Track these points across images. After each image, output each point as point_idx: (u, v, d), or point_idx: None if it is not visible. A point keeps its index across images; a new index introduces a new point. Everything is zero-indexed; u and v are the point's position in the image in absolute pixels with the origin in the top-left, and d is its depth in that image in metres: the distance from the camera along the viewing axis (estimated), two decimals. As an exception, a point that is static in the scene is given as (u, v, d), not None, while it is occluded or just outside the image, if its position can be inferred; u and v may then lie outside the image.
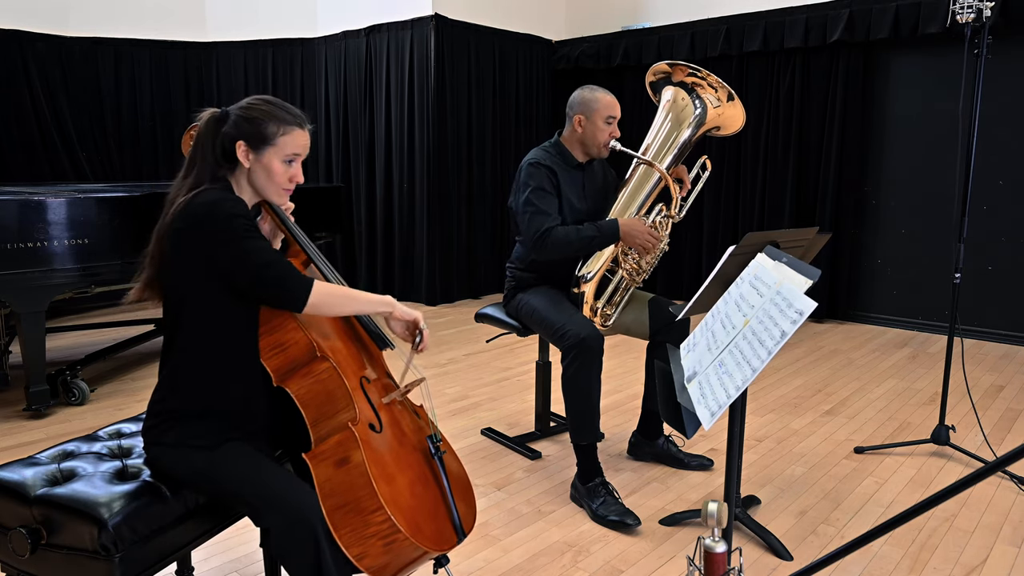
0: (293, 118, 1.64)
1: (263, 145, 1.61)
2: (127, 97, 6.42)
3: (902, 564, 2.22)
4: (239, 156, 1.61)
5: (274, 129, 1.61)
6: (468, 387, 3.96)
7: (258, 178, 1.64)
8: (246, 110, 1.62)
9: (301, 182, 1.69)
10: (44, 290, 3.20)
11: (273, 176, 1.63)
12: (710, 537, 1.45)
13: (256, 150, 1.61)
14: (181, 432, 1.59)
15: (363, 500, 1.48)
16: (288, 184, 1.66)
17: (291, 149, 1.63)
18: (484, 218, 6.45)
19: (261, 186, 1.65)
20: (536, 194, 2.65)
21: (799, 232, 2.25)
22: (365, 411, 1.61)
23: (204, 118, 1.65)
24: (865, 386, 3.98)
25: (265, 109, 1.62)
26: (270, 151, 1.61)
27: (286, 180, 1.65)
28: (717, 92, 2.73)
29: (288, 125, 1.62)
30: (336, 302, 1.60)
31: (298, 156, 1.65)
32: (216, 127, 1.63)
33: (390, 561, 1.50)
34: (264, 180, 1.64)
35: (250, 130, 1.60)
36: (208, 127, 1.64)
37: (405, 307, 1.73)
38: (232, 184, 1.65)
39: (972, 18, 2.74)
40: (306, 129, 1.67)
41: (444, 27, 5.86)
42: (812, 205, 5.58)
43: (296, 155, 1.65)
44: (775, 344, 1.51)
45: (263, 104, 1.63)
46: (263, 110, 1.62)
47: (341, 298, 1.60)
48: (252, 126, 1.60)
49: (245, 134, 1.61)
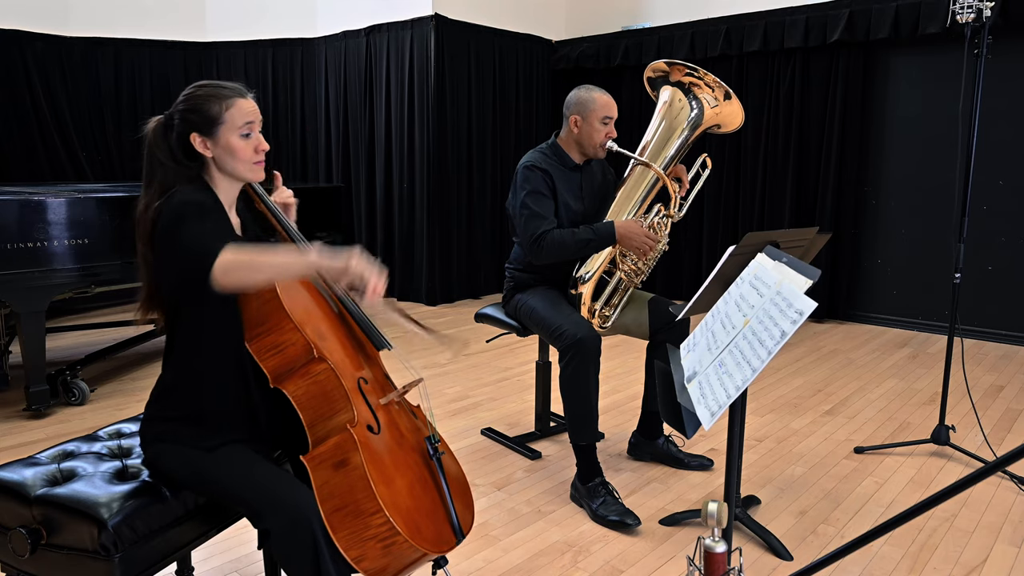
0: (231, 91, 1.61)
1: (213, 127, 1.58)
2: (127, 97, 6.42)
3: (902, 564, 2.22)
4: (198, 149, 1.59)
5: (217, 107, 1.58)
6: (468, 387, 3.96)
7: (224, 162, 1.61)
8: (185, 102, 1.59)
9: (267, 149, 1.65)
10: (44, 290, 3.20)
11: (237, 153, 1.60)
12: (710, 537, 1.45)
13: (210, 135, 1.59)
14: (179, 433, 1.59)
15: (362, 502, 1.47)
16: (256, 156, 1.63)
17: (241, 119, 1.59)
18: (484, 218, 6.45)
19: (231, 168, 1.62)
20: (532, 197, 2.65)
21: (799, 232, 2.25)
22: (363, 412, 1.60)
23: (151, 127, 1.62)
24: (865, 386, 3.98)
25: (201, 93, 1.59)
26: (222, 130, 1.58)
27: (251, 152, 1.62)
28: (714, 91, 2.73)
29: (229, 99, 1.59)
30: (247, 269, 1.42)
31: (251, 124, 1.61)
32: (165, 132, 1.61)
33: (389, 563, 1.50)
34: (231, 161, 1.61)
35: (196, 119, 1.58)
36: (157, 135, 1.61)
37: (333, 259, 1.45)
38: (208, 181, 1.64)
39: (972, 18, 2.74)
40: (248, 97, 1.63)
41: (444, 27, 5.86)
42: (812, 205, 5.58)
43: (249, 123, 1.61)
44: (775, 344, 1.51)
45: (198, 89, 1.61)
46: (200, 95, 1.59)
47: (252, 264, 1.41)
48: (196, 114, 1.58)
49: (193, 125, 1.58)
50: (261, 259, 1.42)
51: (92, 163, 6.22)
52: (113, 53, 6.31)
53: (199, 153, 1.60)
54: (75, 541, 1.43)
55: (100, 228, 3.33)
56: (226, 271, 1.41)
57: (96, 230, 3.31)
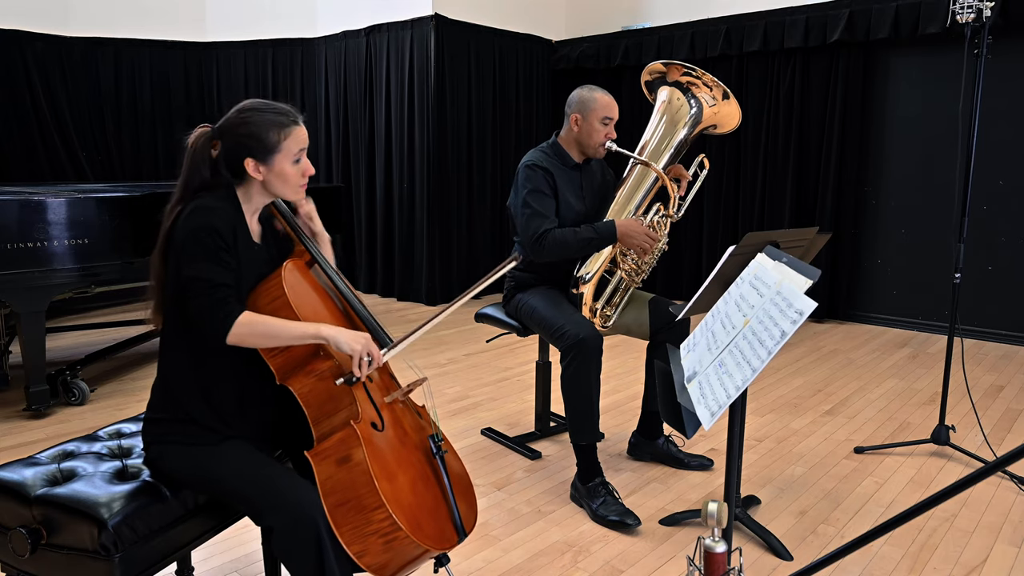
0: (288, 119, 1.63)
1: (270, 155, 1.61)
2: (127, 97, 6.42)
3: (902, 564, 2.22)
4: (250, 172, 1.61)
5: (275, 137, 1.60)
6: (468, 387, 3.96)
7: (273, 185, 1.65)
8: (242, 125, 1.60)
9: (312, 173, 1.70)
10: (44, 290, 3.20)
11: (288, 180, 1.64)
12: (710, 537, 1.45)
13: (265, 162, 1.61)
14: (180, 432, 1.59)
15: (364, 498, 1.48)
16: (303, 180, 1.67)
17: (296, 147, 1.63)
18: (484, 218, 6.45)
19: (277, 191, 1.66)
20: (533, 196, 2.65)
21: (799, 232, 2.25)
22: (367, 410, 1.61)
23: (196, 136, 1.64)
24: (865, 386, 3.98)
25: (259, 120, 1.60)
26: (278, 158, 1.61)
27: (300, 178, 1.66)
28: (712, 91, 2.73)
29: (287, 128, 1.62)
30: (261, 337, 1.54)
31: (303, 151, 1.66)
32: (210, 144, 1.63)
33: (391, 559, 1.50)
34: (280, 184, 1.64)
35: (254, 145, 1.60)
36: (203, 146, 1.63)
37: (344, 337, 1.56)
38: (238, 192, 1.65)
39: (972, 18, 2.74)
40: (301, 123, 1.66)
41: (444, 27, 5.86)
42: (812, 205, 5.58)
43: (302, 150, 1.65)
44: (775, 344, 1.51)
45: (253, 114, 1.61)
46: (257, 121, 1.60)
47: (266, 333, 1.54)
48: (255, 140, 1.59)
49: (250, 150, 1.60)
50: (278, 328, 1.54)
51: (92, 163, 6.21)
52: (113, 53, 6.31)
53: (246, 173, 1.62)
54: (75, 541, 1.43)
55: (100, 228, 3.33)
56: (240, 342, 1.53)
57: (96, 230, 3.31)
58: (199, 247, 1.52)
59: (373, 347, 1.59)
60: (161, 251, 1.61)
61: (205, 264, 1.52)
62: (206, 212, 1.55)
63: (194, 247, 1.52)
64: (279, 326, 1.54)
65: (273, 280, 1.63)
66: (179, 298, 1.55)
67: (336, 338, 1.56)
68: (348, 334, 1.57)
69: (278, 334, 1.54)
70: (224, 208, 1.59)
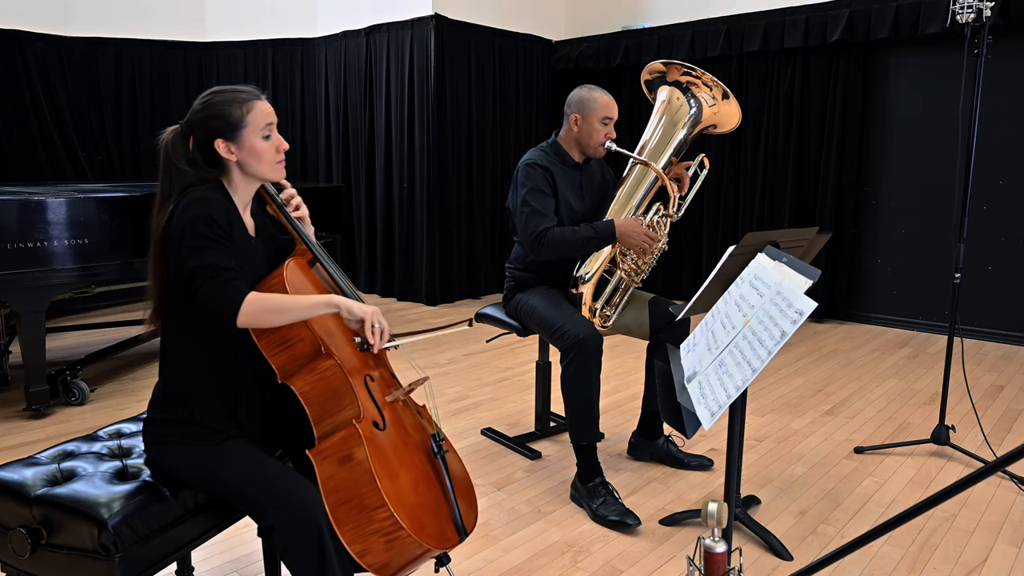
0: (248, 94, 1.64)
1: (237, 131, 1.61)
2: (127, 97, 6.42)
3: (902, 564, 2.22)
4: (222, 154, 1.61)
5: (238, 111, 1.61)
6: (468, 387, 3.96)
7: (249, 165, 1.63)
8: (204, 109, 1.61)
9: (287, 148, 1.69)
10: (44, 290, 3.20)
11: (261, 155, 1.63)
12: (710, 537, 1.45)
13: (234, 140, 1.61)
14: (181, 432, 1.59)
15: (366, 496, 1.48)
16: (278, 156, 1.66)
17: (263, 121, 1.62)
18: (484, 218, 6.45)
19: (255, 170, 1.64)
20: (533, 195, 2.65)
21: (799, 232, 2.25)
22: (369, 409, 1.61)
23: (167, 137, 1.64)
24: (865, 386, 3.98)
25: (220, 99, 1.62)
26: (245, 133, 1.61)
27: (274, 152, 1.65)
28: (712, 90, 2.73)
29: (248, 102, 1.62)
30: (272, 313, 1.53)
31: (271, 126, 1.65)
32: (184, 141, 1.63)
33: (392, 558, 1.51)
34: (255, 163, 1.63)
35: (219, 124, 1.60)
36: (175, 143, 1.63)
37: (355, 305, 1.61)
38: (224, 183, 1.65)
39: (972, 18, 2.74)
40: (263, 98, 1.66)
41: (444, 27, 5.86)
42: (812, 205, 5.58)
43: (269, 124, 1.64)
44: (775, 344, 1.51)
45: (215, 96, 1.63)
46: (219, 100, 1.61)
47: (276, 308, 1.53)
48: (219, 120, 1.60)
49: (216, 131, 1.60)
50: (288, 303, 1.54)
51: (92, 163, 6.21)
52: (113, 53, 6.31)
53: (221, 159, 1.62)
54: (75, 541, 1.43)
55: (100, 228, 3.33)
56: (253, 316, 1.52)
57: (96, 230, 3.31)
58: (198, 237, 1.52)
59: (382, 317, 1.64)
60: (157, 252, 1.60)
61: (207, 252, 1.52)
62: (201, 203, 1.56)
63: (193, 238, 1.52)
64: (289, 300, 1.55)
65: (275, 279, 1.64)
66: (184, 291, 1.55)
67: (348, 306, 1.59)
68: (358, 303, 1.62)
69: (289, 308, 1.54)
70: (217, 198, 1.59)
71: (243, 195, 1.68)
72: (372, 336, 1.61)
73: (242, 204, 1.68)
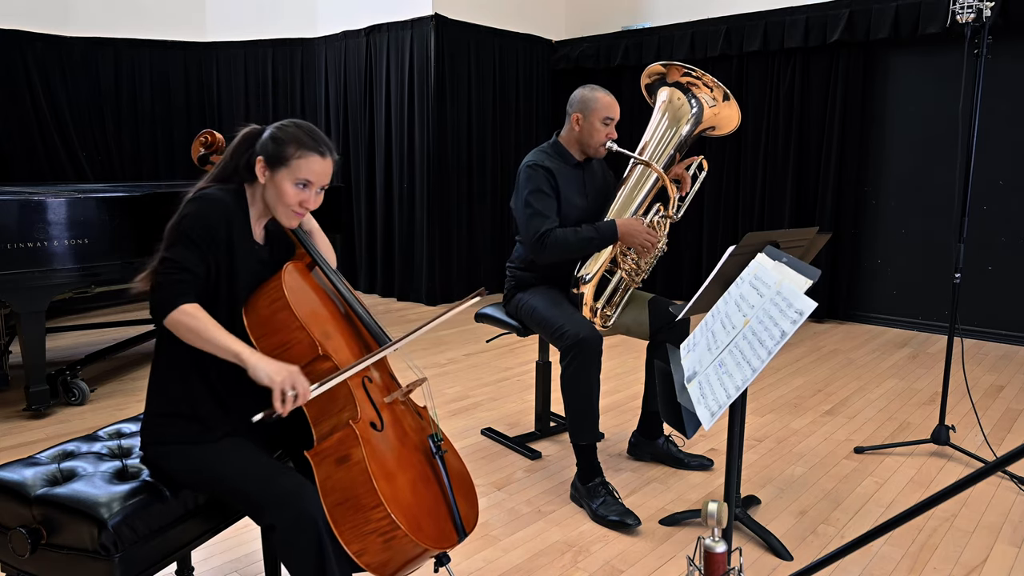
0: (315, 144, 1.65)
1: (278, 165, 1.64)
2: (127, 97, 6.42)
3: (902, 564, 2.22)
4: (256, 171, 1.65)
5: (292, 151, 1.63)
6: (468, 387, 3.96)
7: (269, 196, 1.67)
8: (277, 130, 1.66)
9: (312, 208, 1.69)
10: (44, 290, 3.20)
11: (282, 196, 1.64)
12: (710, 537, 1.45)
13: (272, 168, 1.64)
14: (179, 430, 1.59)
15: (363, 497, 1.49)
16: (298, 207, 1.66)
17: (304, 174, 1.63)
18: (484, 218, 6.45)
19: (271, 204, 1.68)
20: (535, 196, 2.65)
21: (799, 232, 2.25)
22: (367, 410, 1.62)
23: (241, 132, 1.70)
24: (865, 386, 3.98)
25: (292, 132, 1.65)
26: (283, 171, 1.63)
27: (296, 203, 1.65)
28: (713, 92, 2.73)
29: (307, 150, 1.64)
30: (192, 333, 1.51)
31: (311, 184, 1.65)
32: (246, 143, 1.69)
33: (390, 558, 1.51)
34: (274, 199, 1.66)
35: (271, 148, 1.64)
36: (241, 140, 1.69)
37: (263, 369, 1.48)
38: (247, 191, 1.69)
39: (972, 18, 2.74)
40: (327, 158, 1.66)
41: (444, 27, 5.86)
42: (812, 205, 5.58)
43: (309, 181, 1.65)
44: (775, 344, 1.51)
45: (293, 127, 1.66)
46: (290, 132, 1.65)
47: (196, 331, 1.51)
48: (274, 144, 1.64)
49: (266, 151, 1.64)
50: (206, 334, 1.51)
51: (92, 163, 6.21)
52: (113, 53, 6.31)
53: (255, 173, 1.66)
54: (75, 541, 1.43)
55: (100, 228, 3.33)
56: (174, 327, 1.53)
57: (96, 230, 3.31)
58: (180, 232, 1.56)
59: (300, 380, 1.50)
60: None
61: (179, 248, 1.55)
62: (202, 202, 1.59)
63: (176, 232, 1.56)
64: (211, 331, 1.51)
65: (273, 283, 1.64)
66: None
67: (255, 366, 1.48)
68: (271, 365, 1.49)
69: (206, 339, 1.51)
70: (225, 201, 1.62)
71: (259, 208, 1.72)
72: (279, 405, 1.47)
73: (256, 215, 1.71)
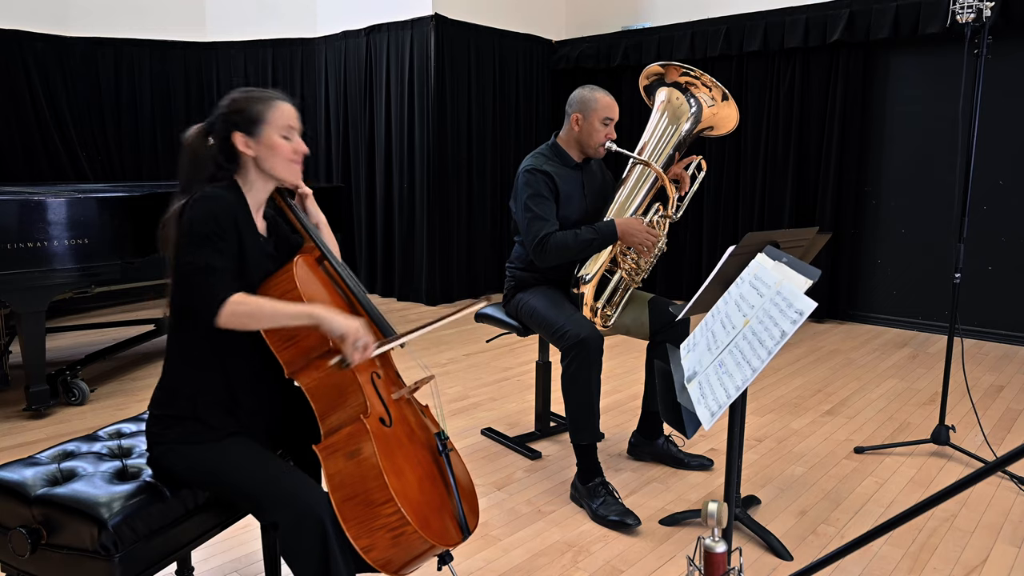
0: (273, 95, 1.66)
1: (257, 126, 1.63)
2: (127, 97, 6.42)
3: (902, 564, 2.22)
4: (239, 147, 1.63)
5: (261, 107, 1.63)
6: (468, 387, 3.96)
7: (265, 160, 1.65)
8: (229, 106, 1.64)
9: (306, 152, 1.70)
10: (44, 290, 3.20)
11: (278, 151, 1.64)
12: (710, 537, 1.45)
13: (253, 134, 1.63)
14: (184, 430, 1.59)
15: (373, 492, 1.48)
16: (294, 156, 1.67)
17: (284, 121, 1.65)
18: (484, 218, 6.45)
19: (270, 167, 1.65)
20: (533, 200, 2.65)
21: (799, 232, 2.25)
22: (376, 404, 1.62)
23: (191, 134, 1.67)
24: (865, 386, 3.98)
25: (245, 97, 1.65)
26: (265, 128, 1.63)
27: (291, 152, 1.66)
28: (711, 91, 2.73)
29: (271, 101, 1.65)
30: (251, 317, 1.52)
31: (293, 129, 1.67)
32: (205, 138, 1.66)
33: (397, 554, 1.51)
34: (271, 159, 1.65)
35: (240, 119, 1.63)
36: (198, 141, 1.66)
37: (336, 320, 1.53)
38: (239, 182, 1.67)
39: (972, 18, 2.74)
40: (289, 102, 1.68)
41: (444, 27, 5.86)
42: (812, 205, 5.58)
43: (290, 127, 1.66)
44: (775, 344, 1.51)
45: (240, 94, 1.66)
46: (243, 98, 1.65)
47: (256, 313, 1.52)
48: (240, 115, 1.63)
49: (237, 124, 1.63)
50: (269, 309, 1.53)
51: (92, 163, 6.21)
52: (113, 53, 6.31)
53: (238, 154, 1.64)
54: (75, 541, 1.43)
55: (100, 228, 3.33)
56: (231, 322, 1.52)
57: (96, 230, 3.31)
58: (195, 235, 1.54)
59: (366, 333, 1.57)
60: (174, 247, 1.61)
61: (203, 250, 1.53)
62: (206, 200, 1.57)
63: (191, 235, 1.54)
64: (269, 306, 1.53)
65: (284, 274, 1.64)
66: (179, 286, 1.57)
67: (330, 319, 1.53)
68: (342, 317, 1.55)
69: (269, 314, 1.53)
70: (226, 197, 1.60)
71: (257, 195, 1.69)
72: (353, 353, 1.54)
73: (255, 205, 1.69)
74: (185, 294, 1.54)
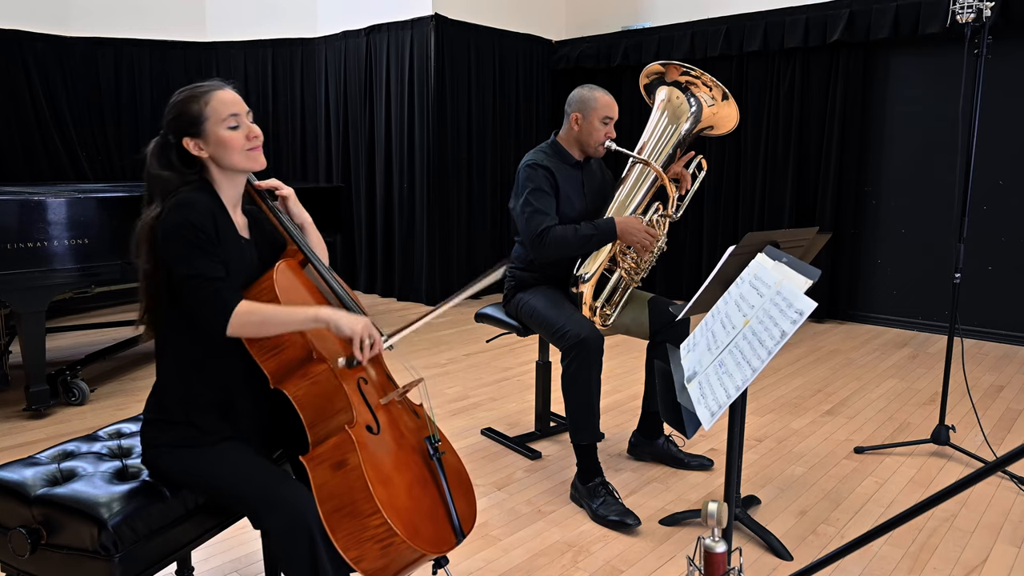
0: (208, 86, 1.61)
1: (200, 125, 1.58)
2: (127, 97, 6.42)
3: (902, 564, 2.22)
4: (193, 152, 1.59)
5: (197, 106, 1.58)
6: (468, 387, 3.96)
7: (221, 158, 1.60)
8: (170, 112, 1.60)
9: (259, 135, 1.64)
10: (44, 290, 3.20)
11: (228, 145, 1.58)
12: (710, 537, 1.45)
13: (199, 135, 1.59)
14: (178, 435, 1.59)
15: (359, 503, 1.47)
16: (249, 143, 1.61)
17: (225, 111, 1.58)
18: (484, 218, 6.45)
19: (228, 162, 1.61)
20: (534, 195, 2.65)
21: (799, 232, 2.25)
22: (362, 413, 1.60)
23: (150, 148, 1.63)
24: (865, 386, 3.98)
25: (180, 98, 1.60)
26: (208, 125, 1.58)
27: (243, 140, 1.60)
28: (712, 91, 2.73)
29: (205, 95, 1.59)
30: (259, 325, 1.53)
31: (237, 116, 1.60)
32: (162, 147, 1.61)
33: (388, 564, 1.50)
34: (225, 154, 1.59)
35: (181, 123, 1.58)
36: (155, 152, 1.61)
37: (344, 320, 1.56)
38: (211, 183, 1.63)
39: (972, 18, 2.74)
40: (226, 88, 1.62)
41: (444, 27, 5.86)
42: (812, 205, 5.58)
43: (234, 115, 1.59)
44: (775, 344, 1.51)
45: (177, 97, 1.61)
46: (180, 101, 1.60)
47: (264, 320, 1.53)
48: (182, 119, 1.58)
49: (181, 130, 1.58)
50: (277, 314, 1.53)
51: (92, 163, 6.21)
52: (113, 53, 6.31)
53: (196, 157, 1.60)
54: (75, 541, 1.43)
55: (100, 228, 3.33)
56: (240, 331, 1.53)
57: (96, 230, 3.31)
58: (184, 244, 1.51)
59: (374, 330, 1.59)
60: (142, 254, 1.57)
61: (196, 260, 1.51)
62: (183, 208, 1.53)
63: (179, 245, 1.51)
64: (277, 312, 1.54)
65: (265, 282, 1.61)
66: (177, 298, 1.55)
67: (336, 320, 1.55)
68: (348, 316, 1.57)
69: (277, 321, 1.53)
70: (202, 200, 1.56)
71: (229, 191, 1.65)
72: (361, 353, 1.57)
73: (231, 202, 1.66)
74: (190, 306, 1.52)
